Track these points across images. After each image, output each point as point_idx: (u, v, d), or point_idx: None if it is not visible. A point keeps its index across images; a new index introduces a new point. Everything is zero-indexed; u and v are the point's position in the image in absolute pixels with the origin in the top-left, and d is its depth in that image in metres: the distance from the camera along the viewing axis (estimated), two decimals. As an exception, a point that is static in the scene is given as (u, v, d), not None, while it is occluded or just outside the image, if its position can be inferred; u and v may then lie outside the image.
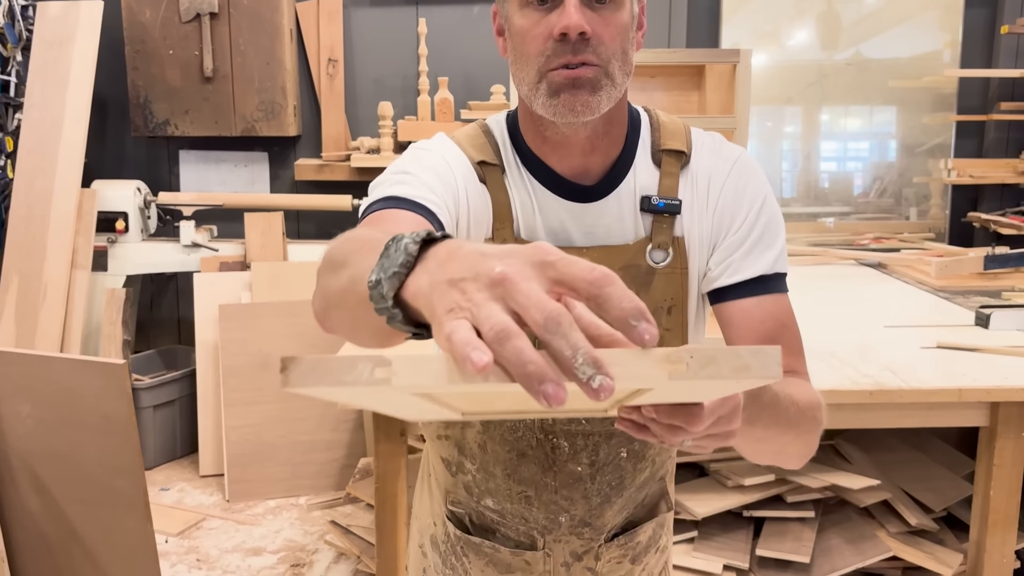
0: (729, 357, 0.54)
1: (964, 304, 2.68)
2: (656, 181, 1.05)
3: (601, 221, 1.04)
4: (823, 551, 2.24)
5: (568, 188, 1.04)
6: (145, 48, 3.76)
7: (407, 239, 0.61)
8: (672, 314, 1.06)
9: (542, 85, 0.96)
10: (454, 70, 3.92)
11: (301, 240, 4.01)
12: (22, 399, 2.05)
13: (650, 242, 1.04)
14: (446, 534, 1.16)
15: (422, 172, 1.00)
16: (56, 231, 3.47)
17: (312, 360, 0.52)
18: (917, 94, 4.04)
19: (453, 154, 1.05)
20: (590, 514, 1.11)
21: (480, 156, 1.05)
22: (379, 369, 0.52)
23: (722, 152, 1.07)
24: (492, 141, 1.07)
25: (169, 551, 2.95)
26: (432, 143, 1.07)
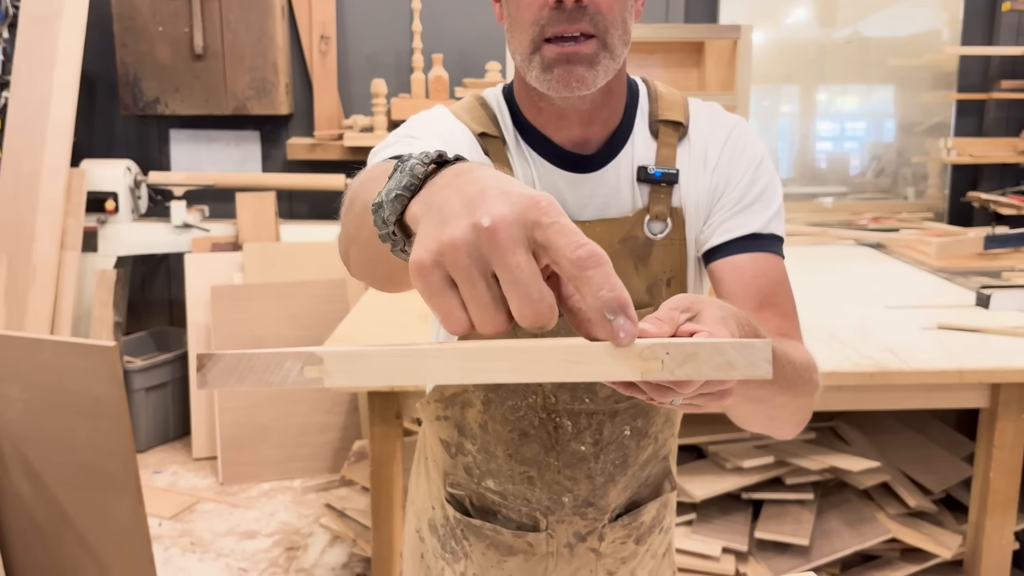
0: (711, 353, 0.50)
1: (964, 284, 2.66)
2: (653, 152, 1.04)
3: (599, 191, 1.03)
4: (822, 533, 2.23)
5: (567, 158, 1.02)
6: (134, 25, 3.69)
7: (415, 159, 0.57)
8: (671, 286, 1.04)
9: (536, 58, 0.94)
10: (448, 47, 3.86)
11: (294, 220, 3.96)
12: (11, 382, 2.02)
13: (647, 213, 1.02)
14: (445, 517, 1.14)
15: (429, 137, 0.97)
16: (45, 212, 3.42)
17: (233, 357, 0.48)
18: (916, 72, 4.00)
19: (456, 125, 1.03)
20: (594, 494, 1.09)
21: (481, 128, 1.03)
22: (309, 368, 0.48)
23: (719, 119, 1.06)
24: (490, 113, 1.05)
25: (163, 534, 2.93)
26: (433, 114, 1.05)
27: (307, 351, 0.48)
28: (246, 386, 0.48)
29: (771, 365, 0.50)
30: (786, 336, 0.98)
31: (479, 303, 0.50)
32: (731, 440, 2.35)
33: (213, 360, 0.48)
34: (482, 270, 0.49)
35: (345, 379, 0.48)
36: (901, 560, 2.24)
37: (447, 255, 0.49)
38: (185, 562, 2.78)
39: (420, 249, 0.51)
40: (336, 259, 3.54)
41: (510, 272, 0.48)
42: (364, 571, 2.70)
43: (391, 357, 0.49)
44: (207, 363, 0.48)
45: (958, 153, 3.79)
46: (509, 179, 0.53)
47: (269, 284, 3.44)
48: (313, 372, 0.48)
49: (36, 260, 3.39)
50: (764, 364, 0.50)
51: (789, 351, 0.85)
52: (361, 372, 0.49)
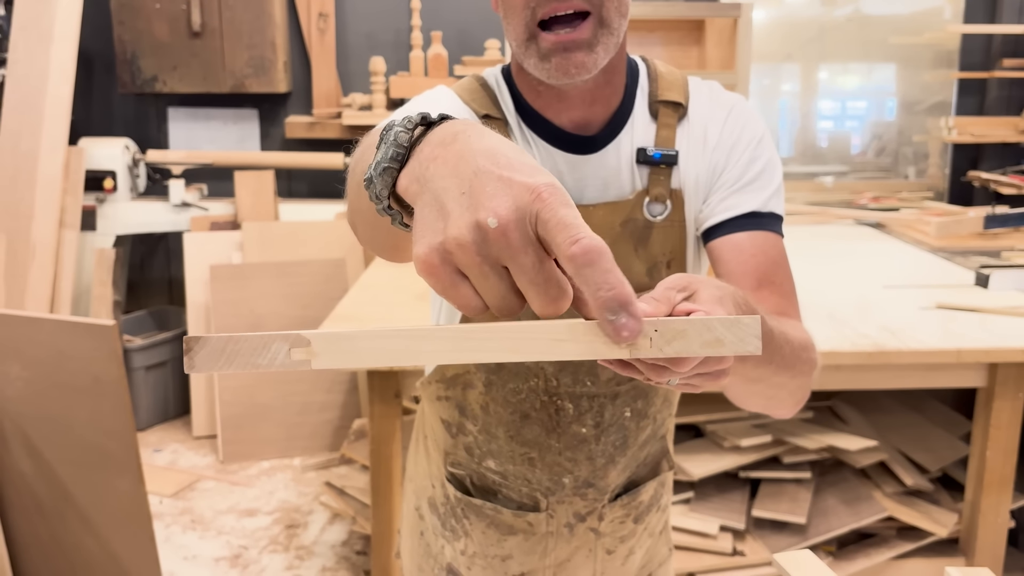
0: (700, 330, 0.50)
1: (963, 264, 2.66)
2: (653, 133, 1.03)
3: (600, 173, 1.02)
4: (819, 512, 2.24)
5: (568, 140, 1.01)
6: (131, 2, 3.66)
7: (398, 127, 0.56)
8: (671, 268, 1.04)
9: (532, 46, 0.92)
10: (448, 24, 3.84)
11: (292, 199, 3.96)
12: (12, 360, 2.03)
13: (647, 195, 1.02)
14: (445, 496, 1.14)
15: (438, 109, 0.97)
16: (43, 190, 3.41)
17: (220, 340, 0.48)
18: (918, 51, 3.97)
19: (459, 106, 1.02)
20: (594, 475, 1.09)
21: (484, 110, 1.02)
22: (296, 350, 0.48)
23: (719, 98, 1.05)
24: (490, 94, 1.04)
25: (163, 512, 2.95)
26: (436, 93, 1.04)
27: (294, 333, 0.48)
28: (233, 369, 0.48)
29: (760, 341, 0.50)
30: (784, 315, 0.98)
31: (494, 294, 0.50)
32: (729, 419, 2.36)
33: (200, 343, 0.48)
34: (492, 264, 0.49)
35: (332, 361, 0.49)
36: (897, 538, 2.26)
37: (455, 254, 0.49)
38: (186, 540, 2.79)
39: (424, 247, 0.50)
40: (335, 238, 3.53)
41: (524, 273, 0.48)
42: (364, 548, 2.72)
43: (378, 338, 0.49)
44: (194, 346, 0.48)
45: (959, 132, 3.77)
46: (499, 147, 0.51)
47: (268, 263, 3.44)
48: (300, 354, 0.48)
49: (35, 239, 3.39)
50: (753, 340, 0.50)
51: (787, 330, 0.85)
52: (348, 353, 0.49)
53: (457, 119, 0.57)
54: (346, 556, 2.69)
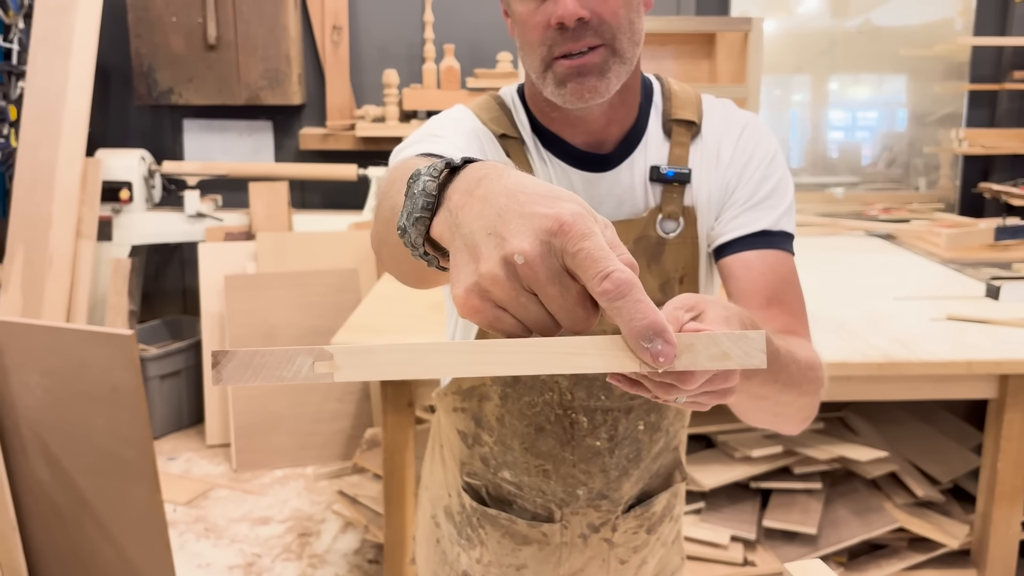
0: (707, 344, 0.52)
1: (974, 276, 2.66)
2: (666, 151, 1.05)
3: (614, 191, 1.04)
4: (830, 522, 2.25)
5: (583, 158, 1.04)
6: (148, 15, 3.71)
7: (424, 176, 0.59)
8: (684, 284, 1.06)
9: (548, 75, 0.96)
10: (460, 37, 3.87)
11: (306, 210, 3.99)
12: (31, 369, 2.05)
13: (660, 212, 1.03)
14: (461, 505, 1.16)
15: (455, 136, 0.99)
16: (61, 201, 3.46)
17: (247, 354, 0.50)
18: (928, 63, 3.99)
19: (478, 126, 1.04)
20: (608, 487, 1.11)
21: (501, 129, 1.04)
22: (320, 363, 0.50)
23: (732, 116, 1.07)
24: (507, 113, 1.06)
25: (177, 520, 2.97)
26: (455, 113, 1.06)
27: (318, 348, 0.50)
28: (259, 382, 0.51)
29: (765, 355, 0.52)
30: (793, 333, 0.99)
31: (533, 320, 0.53)
32: (740, 430, 2.37)
33: (228, 357, 0.50)
34: (527, 295, 0.52)
35: (354, 374, 0.51)
36: (908, 549, 2.26)
37: (491, 290, 0.52)
38: (199, 547, 2.82)
39: (461, 288, 0.53)
40: (348, 248, 3.56)
41: (553, 301, 0.51)
42: (376, 557, 2.73)
43: (399, 352, 0.51)
44: (222, 360, 0.50)
45: (970, 144, 3.78)
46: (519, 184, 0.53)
47: (282, 273, 3.47)
48: (323, 367, 0.51)
49: (52, 249, 3.43)
50: (758, 354, 0.52)
51: (794, 349, 0.87)
52: (370, 366, 0.51)
53: (480, 162, 0.59)
54: (358, 565, 2.71)
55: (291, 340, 3.42)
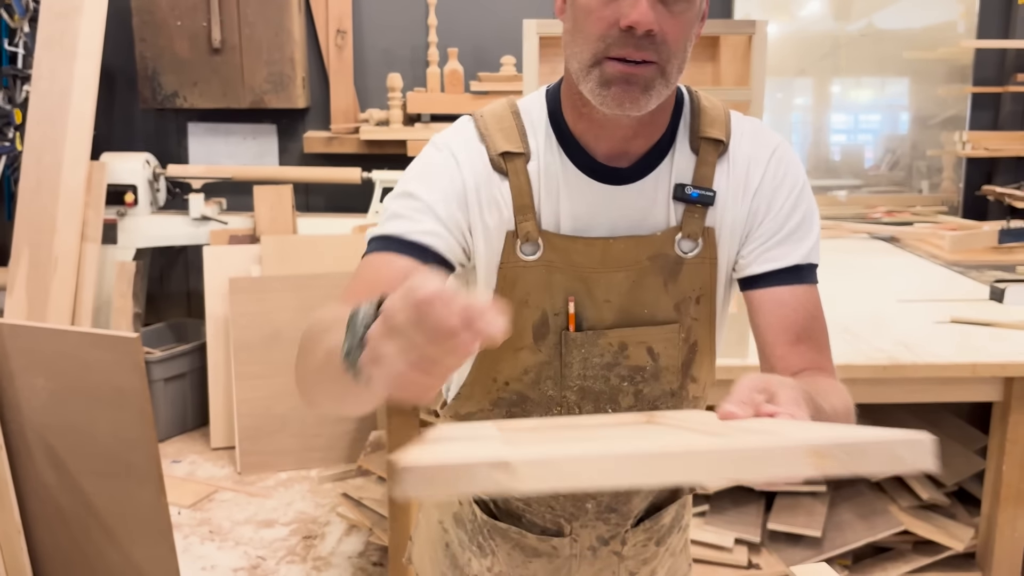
0: (881, 450, 0.53)
1: (978, 278, 2.66)
2: (692, 168, 1.02)
3: (634, 204, 1.01)
4: (834, 525, 2.25)
5: (602, 170, 1.01)
6: (153, 19, 3.73)
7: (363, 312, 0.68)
8: (701, 304, 1.04)
9: (595, 71, 0.92)
10: (464, 41, 3.88)
11: (310, 213, 4.00)
12: (36, 372, 2.06)
13: (680, 231, 1.01)
14: (472, 515, 1.16)
15: (427, 190, 1.00)
16: (66, 204, 3.46)
17: (428, 469, 0.50)
18: (931, 65, 3.99)
19: (467, 149, 1.02)
20: (616, 501, 1.11)
21: (505, 145, 1.01)
22: (500, 474, 0.51)
23: (761, 139, 1.05)
24: (520, 124, 1.03)
25: (182, 523, 2.97)
26: (449, 136, 1.04)
27: (499, 461, 0.51)
28: (439, 493, 0.52)
29: (936, 458, 0.53)
30: (821, 369, 1.00)
31: None
32: (744, 432, 2.37)
33: (410, 472, 0.51)
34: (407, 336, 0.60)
35: (534, 484, 0.51)
36: (913, 552, 2.25)
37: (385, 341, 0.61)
38: (204, 550, 2.82)
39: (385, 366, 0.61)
40: (352, 251, 3.56)
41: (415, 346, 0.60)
42: (380, 559, 2.74)
43: (579, 462, 0.52)
44: (404, 474, 0.51)
45: (973, 146, 3.78)
46: None
47: (286, 276, 3.47)
48: (504, 478, 0.51)
49: (57, 251, 3.44)
50: (929, 457, 0.53)
51: (836, 404, 0.89)
52: (551, 477, 0.52)
53: None
54: (363, 567, 2.71)
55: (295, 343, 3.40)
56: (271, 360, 3.40)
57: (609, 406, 1.05)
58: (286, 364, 3.41)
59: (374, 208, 3.78)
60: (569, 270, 1.00)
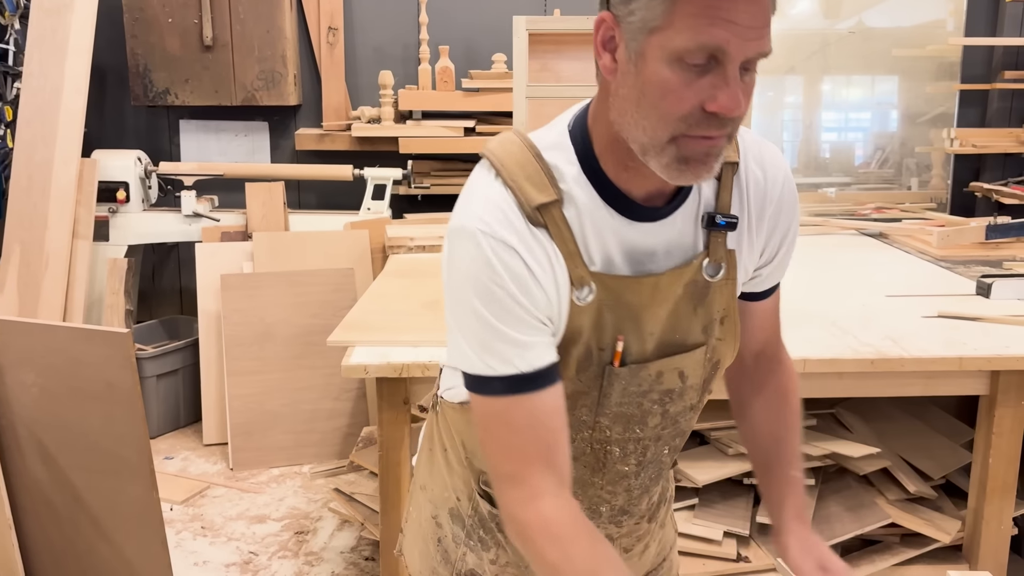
0: None
1: (965, 274, 2.68)
2: (714, 194, 1.02)
3: (668, 236, 1.01)
4: (823, 518, 2.26)
5: (639, 210, 0.98)
6: (144, 16, 3.73)
7: None
8: (724, 324, 1.07)
9: (670, 148, 0.88)
10: (455, 38, 3.89)
11: (302, 210, 4.00)
12: (27, 368, 2.06)
13: (707, 257, 1.02)
14: (474, 510, 1.16)
15: (505, 294, 0.92)
16: (57, 201, 3.46)
17: None
18: (920, 63, 4.01)
19: (507, 219, 0.93)
20: (629, 503, 1.14)
21: (539, 197, 0.94)
22: None
23: (769, 161, 1.06)
24: (545, 167, 0.96)
25: (174, 519, 2.98)
26: (483, 213, 0.93)
27: None
28: None
29: None
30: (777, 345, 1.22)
31: None
32: (733, 426, 2.39)
33: None
34: None
35: None
36: (901, 545, 2.27)
37: None
38: (196, 546, 2.82)
39: None
40: (344, 248, 3.57)
41: None
42: (372, 554, 2.75)
43: None
44: None
45: (961, 143, 3.80)
46: None
47: (278, 273, 3.48)
48: None
49: (49, 248, 3.44)
50: None
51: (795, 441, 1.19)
52: None
53: None
54: (355, 562, 2.72)
55: (287, 339, 3.42)
56: (263, 356, 3.41)
57: (638, 427, 1.06)
58: (278, 360, 3.42)
59: (366, 205, 3.79)
60: (621, 309, 0.98)
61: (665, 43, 0.85)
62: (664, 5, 0.84)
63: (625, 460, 1.09)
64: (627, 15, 0.87)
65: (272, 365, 3.41)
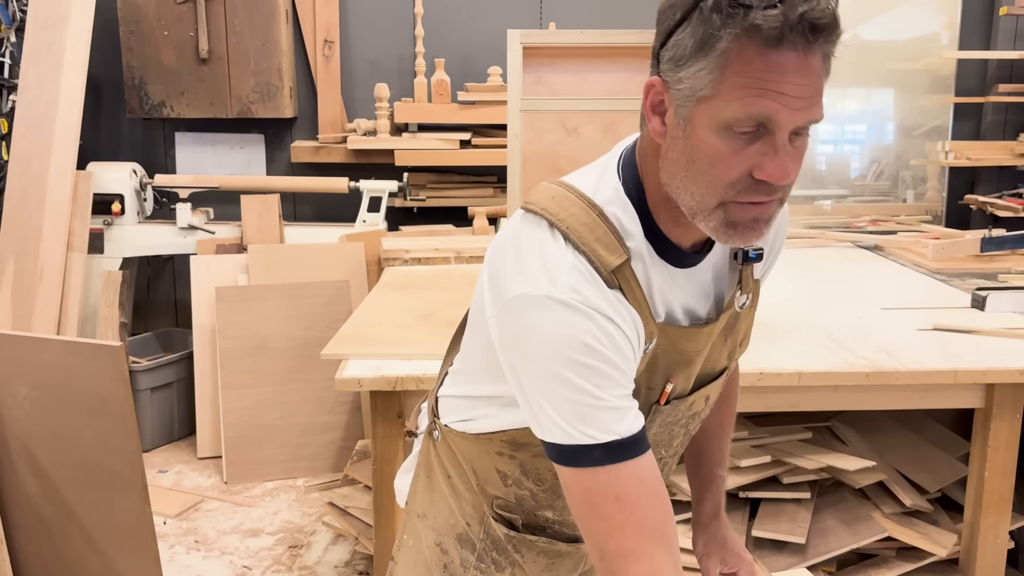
0: None
1: (960, 286, 2.68)
2: None
3: (707, 279, 1.03)
4: (818, 532, 2.26)
5: (685, 258, 0.99)
6: (140, 29, 3.73)
7: None
8: (742, 345, 1.12)
9: (719, 212, 0.88)
10: (451, 51, 3.90)
11: (298, 222, 4.00)
12: (19, 381, 2.05)
13: (739, 289, 1.05)
14: (486, 533, 1.15)
15: (603, 361, 0.88)
16: (52, 213, 3.46)
17: None
18: (915, 76, 4.02)
19: (593, 287, 0.90)
20: None
21: (613, 259, 0.92)
22: None
23: None
24: (611, 226, 0.94)
25: (167, 532, 2.96)
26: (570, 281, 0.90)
27: None
28: None
29: None
30: None
31: None
32: (729, 440, 2.38)
33: None
34: None
35: None
36: (897, 559, 2.27)
37: None
38: (190, 560, 2.81)
39: None
40: (339, 260, 3.56)
41: None
42: (366, 569, 2.73)
43: None
44: None
45: (956, 156, 3.81)
46: None
47: (273, 285, 3.47)
48: None
49: (43, 261, 3.43)
50: None
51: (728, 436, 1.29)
52: None
53: None
54: (349, 577, 2.71)
55: (281, 352, 3.42)
56: (258, 369, 3.40)
57: (664, 449, 1.10)
58: (273, 373, 3.41)
59: (361, 217, 3.79)
60: (675, 355, 1.00)
61: (714, 112, 0.84)
62: (713, 75, 0.84)
63: None
64: (676, 82, 0.87)
65: (266, 378, 3.40)
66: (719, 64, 0.83)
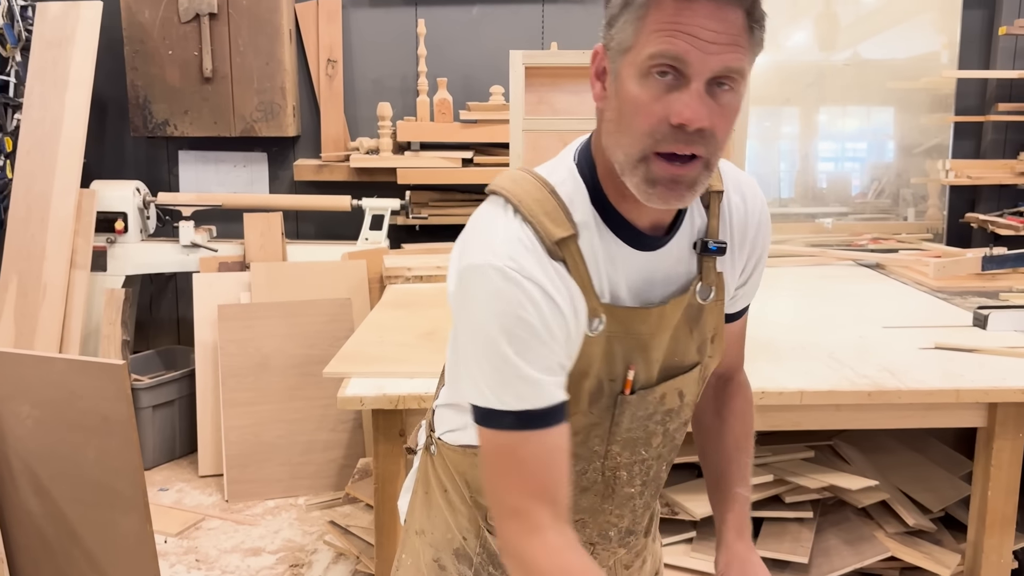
0: None
1: (962, 305, 2.69)
2: (704, 221, 1.07)
3: (671, 266, 1.04)
4: (821, 551, 2.25)
5: (644, 240, 1.01)
6: (144, 48, 3.76)
7: None
8: (714, 342, 1.11)
9: (641, 168, 0.91)
10: (453, 71, 3.92)
11: (300, 240, 4.01)
12: (22, 399, 2.06)
13: (700, 281, 1.06)
14: (482, 547, 1.16)
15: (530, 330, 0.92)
16: (55, 231, 3.47)
17: None
18: (915, 95, 4.04)
19: (533, 258, 0.94)
20: (634, 523, 1.18)
21: (558, 231, 0.95)
22: None
23: (745, 191, 1.11)
24: (561, 203, 0.97)
25: (168, 551, 2.95)
26: (507, 250, 0.93)
27: None
28: None
29: None
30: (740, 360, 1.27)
31: None
32: (731, 458, 2.37)
33: None
34: None
35: None
36: (900, 578, 2.26)
37: None
38: (190, 579, 2.80)
39: None
40: (342, 278, 3.57)
41: None
42: (368, 588, 2.72)
43: None
44: None
45: (956, 175, 3.82)
46: None
47: (275, 303, 3.48)
48: None
49: (46, 279, 3.44)
50: None
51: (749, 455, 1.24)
52: None
53: None
54: (350, 596, 2.69)
55: (283, 370, 3.42)
56: (259, 387, 3.40)
57: (643, 448, 1.10)
58: (274, 391, 3.41)
59: (363, 235, 3.80)
60: (629, 339, 1.01)
61: (634, 60, 0.89)
62: (635, 25, 0.89)
63: (631, 482, 1.12)
64: (609, 42, 0.93)
65: (268, 396, 3.40)
66: (639, 15, 0.88)
